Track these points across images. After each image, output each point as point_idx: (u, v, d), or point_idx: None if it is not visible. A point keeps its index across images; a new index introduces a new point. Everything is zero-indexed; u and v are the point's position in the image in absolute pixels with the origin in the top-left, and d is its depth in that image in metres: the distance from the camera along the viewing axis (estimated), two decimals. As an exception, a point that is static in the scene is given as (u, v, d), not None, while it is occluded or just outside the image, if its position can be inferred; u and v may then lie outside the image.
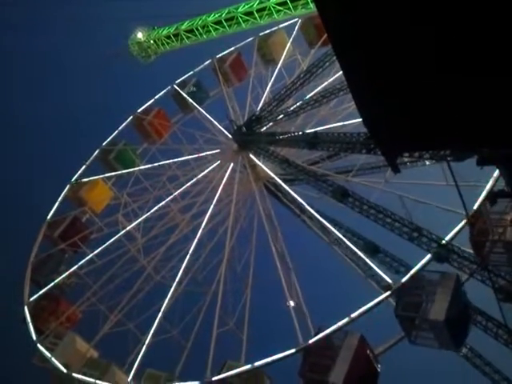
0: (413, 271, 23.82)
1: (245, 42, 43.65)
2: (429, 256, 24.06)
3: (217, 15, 45.54)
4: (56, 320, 33.41)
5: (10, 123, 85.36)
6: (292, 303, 27.56)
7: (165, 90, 44.93)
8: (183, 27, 48.64)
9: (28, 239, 38.73)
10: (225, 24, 45.05)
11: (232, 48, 43.90)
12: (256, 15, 42.73)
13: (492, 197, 23.16)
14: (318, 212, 32.13)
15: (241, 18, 43.52)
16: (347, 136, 28.40)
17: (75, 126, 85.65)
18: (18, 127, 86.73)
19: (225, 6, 45.17)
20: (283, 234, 32.53)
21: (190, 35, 48.40)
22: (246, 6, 43.08)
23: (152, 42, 53.03)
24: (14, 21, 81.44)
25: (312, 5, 39.50)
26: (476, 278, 25.52)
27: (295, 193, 32.88)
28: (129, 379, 28.46)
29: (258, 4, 42.27)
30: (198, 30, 47.22)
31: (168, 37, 51.07)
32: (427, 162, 28.07)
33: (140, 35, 53.70)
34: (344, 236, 29.93)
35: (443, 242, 24.28)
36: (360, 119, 7.41)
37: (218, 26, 45.76)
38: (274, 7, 41.50)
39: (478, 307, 26.52)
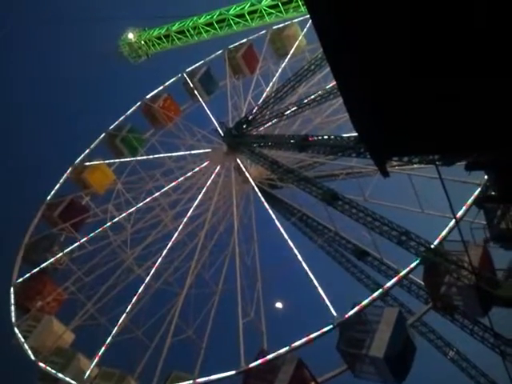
0: (358, 307, 23.53)
1: (257, 34, 43.72)
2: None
3: (208, 17, 45.44)
4: (42, 300, 33.76)
5: (13, 108, 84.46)
6: (280, 305, 27.46)
7: (174, 78, 45.22)
8: (174, 28, 48.47)
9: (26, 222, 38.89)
10: (216, 26, 44.96)
11: (244, 40, 43.96)
12: (247, 17, 42.70)
13: (479, 202, 23.21)
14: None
15: (232, 20, 43.45)
16: (337, 139, 28.44)
17: (81, 111, 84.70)
18: (21, 113, 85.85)
19: (216, 8, 45.14)
20: (259, 243, 31.56)
21: (180, 36, 48.26)
22: (238, 9, 43.03)
23: (143, 42, 52.79)
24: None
25: (303, 8, 39.57)
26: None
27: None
28: (85, 376, 28.46)
29: (250, 6, 42.24)
30: (188, 31, 47.10)
31: (159, 38, 50.88)
32: (415, 166, 28.15)
33: (131, 36, 53.43)
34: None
35: (432, 246, 24.35)
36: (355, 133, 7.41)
37: (209, 28, 45.68)
38: (265, 10, 41.50)
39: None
